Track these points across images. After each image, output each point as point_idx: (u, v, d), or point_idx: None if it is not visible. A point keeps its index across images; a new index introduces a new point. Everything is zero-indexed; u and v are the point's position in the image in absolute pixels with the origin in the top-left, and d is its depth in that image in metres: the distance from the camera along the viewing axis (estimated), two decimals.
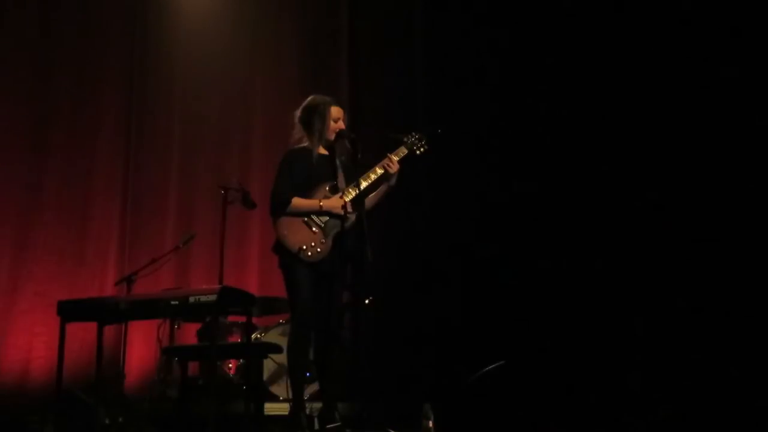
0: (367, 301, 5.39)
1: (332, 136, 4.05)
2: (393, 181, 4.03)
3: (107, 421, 4.36)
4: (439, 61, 5.81)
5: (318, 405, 4.04)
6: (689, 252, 4.12)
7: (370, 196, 4.05)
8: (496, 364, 4.46)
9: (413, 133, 4.17)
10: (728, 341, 3.88)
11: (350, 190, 3.95)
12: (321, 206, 3.91)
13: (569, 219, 4.74)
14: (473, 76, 5.48)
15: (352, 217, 3.90)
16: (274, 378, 5.25)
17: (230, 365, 5.46)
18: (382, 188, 4.06)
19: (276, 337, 5.19)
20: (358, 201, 3.88)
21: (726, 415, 3.73)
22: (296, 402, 3.84)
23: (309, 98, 4.13)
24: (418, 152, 4.16)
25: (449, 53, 5.71)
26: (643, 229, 4.36)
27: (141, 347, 6.11)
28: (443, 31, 5.81)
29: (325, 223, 3.92)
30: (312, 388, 4.90)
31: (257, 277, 6.56)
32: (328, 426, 3.76)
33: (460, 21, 5.67)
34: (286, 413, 4.00)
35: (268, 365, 5.01)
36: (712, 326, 3.95)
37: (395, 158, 4.03)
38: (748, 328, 3.84)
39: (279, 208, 3.92)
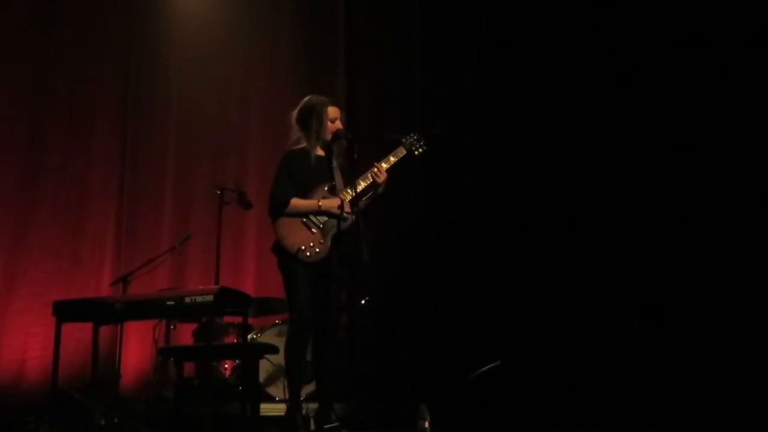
0: (363, 302, 5.39)
1: (329, 137, 4.04)
2: (381, 189, 4.02)
3: (103, 422, 4.34)
4: (437, 60, 5.81)
5: (314, 405, 4.03)
6: (688, 251, 4.13)
7: (363, 200, 4.05)
8: (493, 364, 4.46)
9: (411, 134, 4.16)
10: (727, 340, 3.89)
11: (348, 190, 3.95)
12: (319, 206, 3.91)
13: (567, 216, 4.74)
14: (471, 75, 5.48)
15: (351, 218, 3.90)
16: (271, 379, 5.24)
17: (226, 366, 5.44)
18: (370, 195, 4.05)
19: (272, 337, 5.19)
20: (355, 202, 3.87)
21: (725, 415, 3.74)
22: (293, 402, 3.85)
23: (305, 99, 4.12)
24: (416, 152, 4.15)
25: (447, 53, 5.70)
26: (642, 227, 4.37)
27: (137, 348, 6.10)
28: (441, 30, 5.81)
29: (324, 223, 3.91)
30: (308, 389, 4.89)
31: (253, 277, 6.53)
32: (324, 426, 3.76)
33: (458, 20, 5.67)
34: (283, 414, 3.99)
35: (265, 366, 5.00)
36: (711, 325, 3.96)
37: (384, 166, 4.01)
38: (747, 328, 3.85)
39: (278, 209, 3.92)
